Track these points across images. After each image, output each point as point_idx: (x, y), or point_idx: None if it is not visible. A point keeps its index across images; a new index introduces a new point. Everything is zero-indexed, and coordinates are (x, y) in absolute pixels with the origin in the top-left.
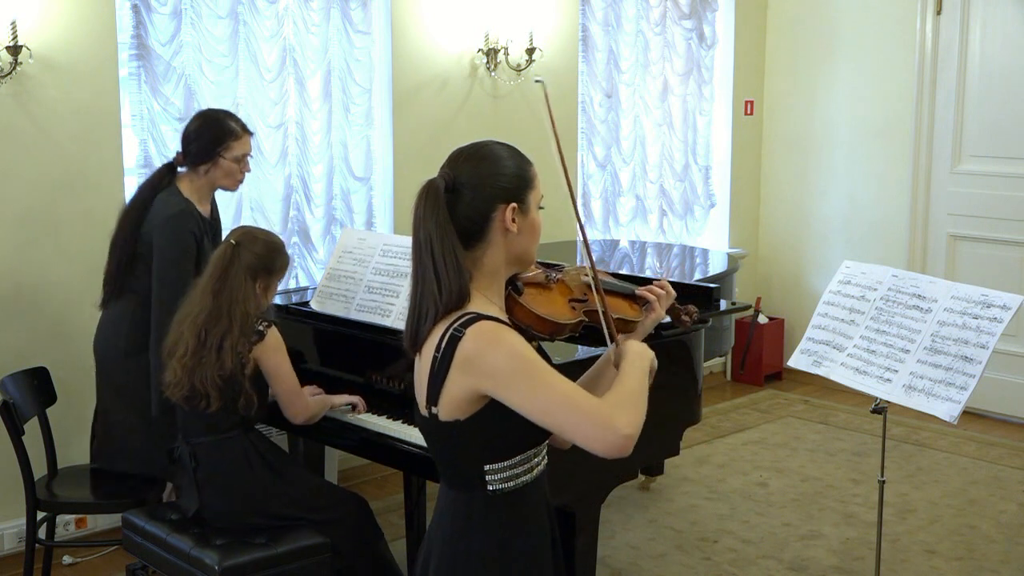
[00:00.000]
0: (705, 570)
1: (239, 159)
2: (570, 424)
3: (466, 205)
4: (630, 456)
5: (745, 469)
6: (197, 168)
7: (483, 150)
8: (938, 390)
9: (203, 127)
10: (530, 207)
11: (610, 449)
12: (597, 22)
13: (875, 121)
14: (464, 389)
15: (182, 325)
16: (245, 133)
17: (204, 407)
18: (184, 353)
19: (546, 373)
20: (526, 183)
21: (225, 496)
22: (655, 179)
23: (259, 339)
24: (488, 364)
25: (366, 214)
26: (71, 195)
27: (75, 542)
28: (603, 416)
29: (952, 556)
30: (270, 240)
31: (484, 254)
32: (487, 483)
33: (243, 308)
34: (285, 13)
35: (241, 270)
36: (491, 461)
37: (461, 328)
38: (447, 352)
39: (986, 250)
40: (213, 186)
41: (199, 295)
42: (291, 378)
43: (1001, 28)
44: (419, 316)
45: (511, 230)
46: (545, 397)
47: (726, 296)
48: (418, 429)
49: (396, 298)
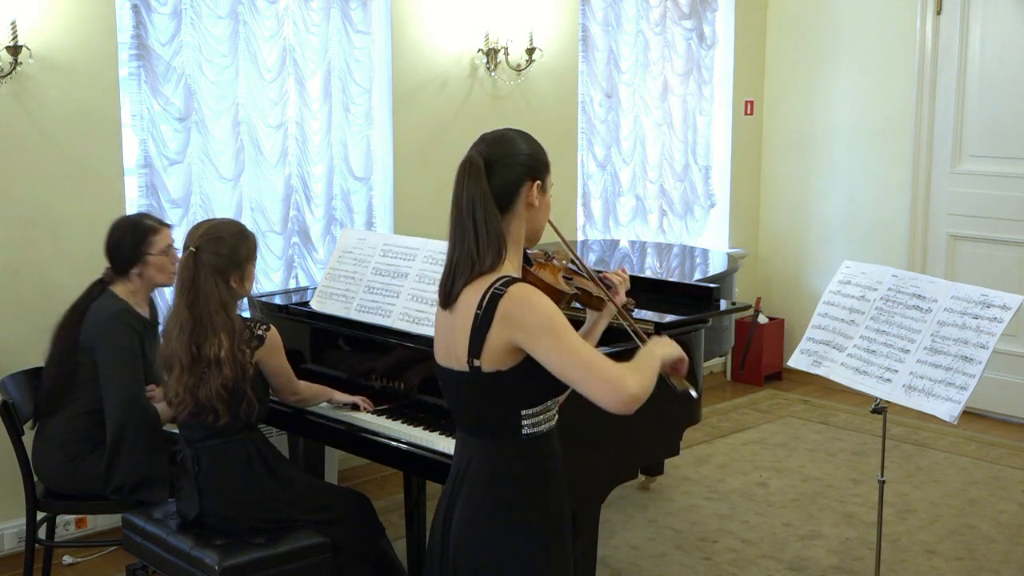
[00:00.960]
0: (705, 570)
1: (166, 251)
2: (587, 379)
3: (498, 178)
4: (631, 456)
5: (745, 469)
6: (128, 274)
7: (505, 135)
8: (938, 390)
9: (122, 234)
10: (547, 186)
11: (617, 403)
12: (597, 22)
13: (875, 121)
14: (505, 341)
15: (170, 341)
16: (163, 227)
17: (212, 421)
18: (181, 372)
19: (570, 333)
20: (545, 165)
21: (225, 500)
22: (655, 179)
23: (259, 344)
24: (523, 319)
25: (366, 214)
26: (71, 195)
27: (75, 542)
28: (616, 375)
29: (952, 556)
30: (229, 232)
31: (511, 224)
32: (522, 427)
33: (223, 314)
34: (285, 13)
35: (208, 275)
36: (528, 406)
37: (502, 287)
38: (489, 308)
39: (986, 250)
40: (150, 285)
41: (176, 311)
42: (288, 371)
43: (1001, 28)
44: (455, 274)
45: (534, 204)
46: (568, 353)
47: (726, 296)
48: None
49: (396, 298)
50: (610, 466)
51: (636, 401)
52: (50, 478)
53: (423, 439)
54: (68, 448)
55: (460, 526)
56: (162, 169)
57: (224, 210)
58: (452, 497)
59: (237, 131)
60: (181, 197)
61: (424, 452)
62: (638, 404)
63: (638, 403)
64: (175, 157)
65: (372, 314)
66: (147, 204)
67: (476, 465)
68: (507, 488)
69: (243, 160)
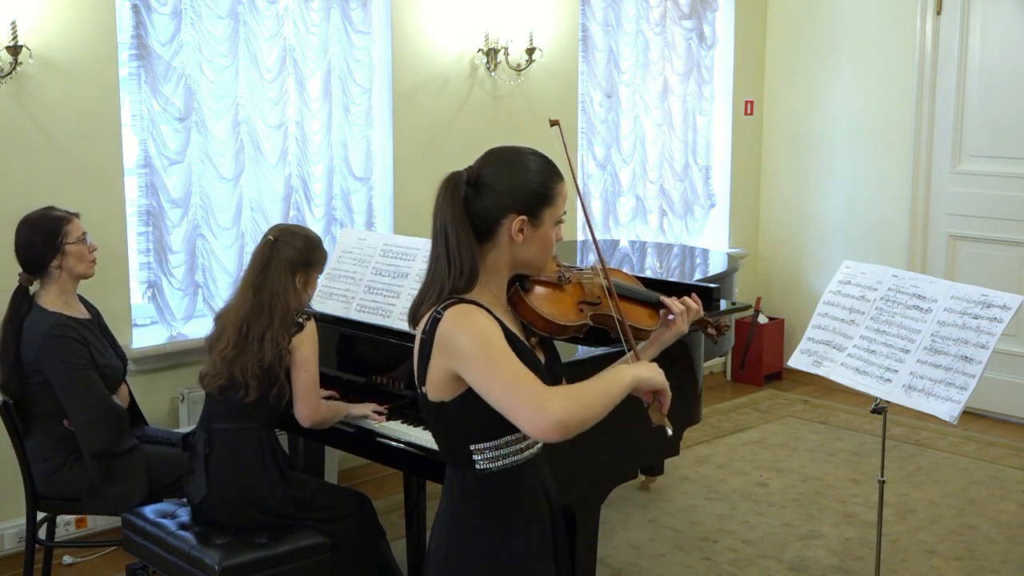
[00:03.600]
0: (705, 570)
1: (82, 238)
2: (509, 404)
3: (481, 203)
4: (631, 456)
5: (745, 469)
6: (48, 269)
7: (514, 156)
8: (938, 390)
9: (32, 230)
10: (543, 222)
11: (538, 431)
12: (597, 22)
13: (875, 121)
14: (443, 370)
15: (224, 320)
16: (73, 216)
17: (242, 396)
18: (225, 346)
19: (502, 355)
20: (544, 199)
21: (231, 487)
22: (655, 179)
23: (298, 330)
24: (456, 344)
25: (366, 214)
26: (71, 195)
27: (75, 542)
28: (539, 399)
29: (952, 556)
30: (308, 235)
31: (489, 253)
32: (475, 462)
33: (283, 302)
34: (285, 13)
35: (280, 265)
36: (476, 441)
37: (441, 311)
38: (430, 333)
39: (986, 250)
40: (72, 278)
41: (240, 292)
42: (314, 371)
43: (1001, 28)
44: (424, 296)
45: (516, 240)
46: (494, 377)
47: (726, 296)
48: (420, 428)
49: (396, 298)
50: (610, 466)
51: (561, 429)
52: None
53: (423, 439)
54: (52, 462)
55: (431, 547)
56: (162, 169)
57: (224, 210)
58: (436, 518)
59: (237, 131)
60: (181, 197)
61: (424, 452)
62: (566, 433)
63: (565, 432)
64: (175, 157)
65: (372, 314)
66: (147, 204)
67: (447, 494)
68: (468, 521)
69: (243, 160)
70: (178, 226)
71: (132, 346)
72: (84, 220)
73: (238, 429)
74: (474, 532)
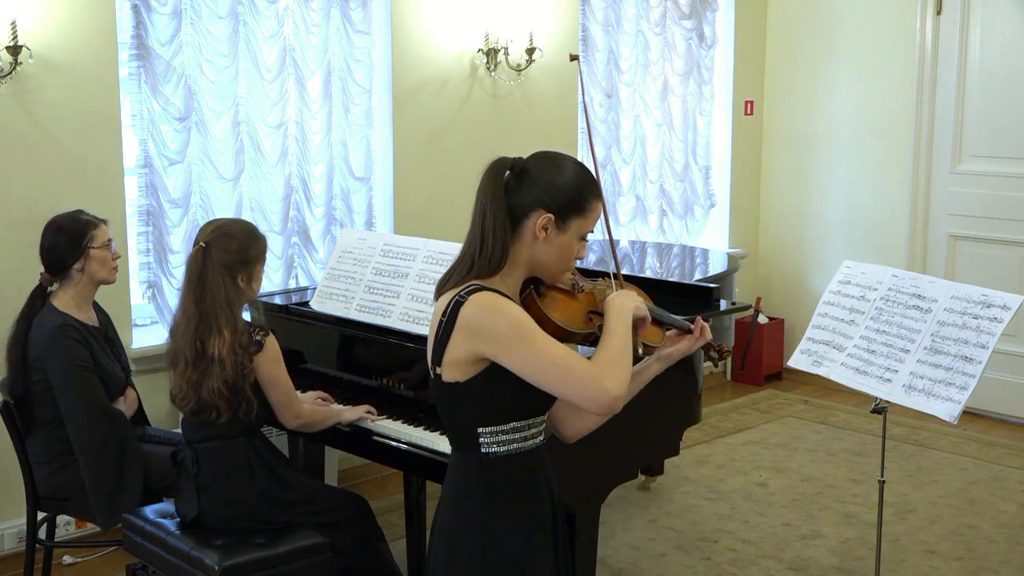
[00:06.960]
0: (705, 570)
1: (107, 244)
2: (563, 385)
3: (519, 193)
4: (631, 457)
5: (745, 469)
6: (70, 272)
7: (561, 159)
8: (938, 390)
9: (58, 232)
10: (569, 228)
11: (601, 408)
12: (597, 22)
13: (875, 121)
14: (465, 352)
15: (176, 338)
16: (101, 222)
17: (215, 418)
18: (185, 367)
19: (543, 339)
20: (575, 207)
21: (224, 502)
22: (655, 179)
23: (258, 349)
24: (490, 330)
25: (366, 214)
26: (71, 195)
27: (75, 542)
28: (596, 380)
29: (952, 556)
30: (239, 230)
31: (512, 244)
32: (480, 445)
33: (228, 310)
34: (285, 13)
35: (217, 271)
36: (484, 424)
37: (464, 295)
38: (452, 316)
39: (986, 250)
40: (94, 282)
41: (183, 307)
42: (287, 385)
43: (1001, 28)
44: (453, 269)
45: (539, 237)
46: (542, 359)
47: (726, 296)
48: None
49: (397, 298)
50: (610, 466)
51: (619, 402)
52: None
53: (423, 439)
54: (53, 463)
55: (435, 532)
56: (162, 169)
57: (224, 210)
58: (439, 504)
59: (237, 131)
60: (181, 197)
61: (424, 452)
62: (621, 404)
63: (621, 403)
64: (175, 157)
65: (372, 314)
66: (147, 204)
67: (451, 479)
68: (471, 506)
69: (243, 160)
70: (178, 226)
71: (132, 346)
72: None
73: (221, 446)
74: (474, 532)
